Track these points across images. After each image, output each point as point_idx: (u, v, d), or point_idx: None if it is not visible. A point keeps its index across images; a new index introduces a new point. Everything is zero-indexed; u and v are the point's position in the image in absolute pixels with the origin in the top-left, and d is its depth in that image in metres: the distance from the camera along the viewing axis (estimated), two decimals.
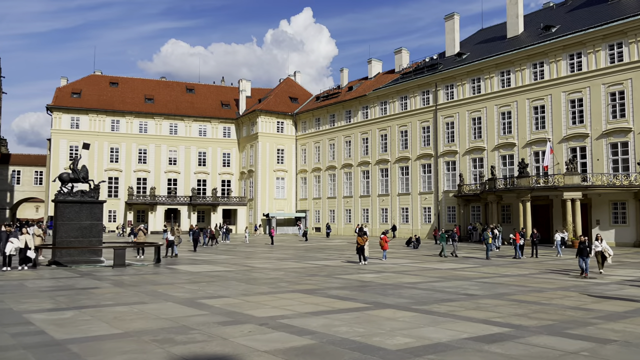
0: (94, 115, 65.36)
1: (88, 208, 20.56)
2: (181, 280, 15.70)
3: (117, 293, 12.51)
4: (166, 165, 67.76)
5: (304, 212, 64.51)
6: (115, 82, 71.64)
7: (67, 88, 67.91)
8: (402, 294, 12.96)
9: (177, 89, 74.00)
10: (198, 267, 20.44)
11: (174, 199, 65.82)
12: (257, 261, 23.76)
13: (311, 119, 65.17)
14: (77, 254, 20.14)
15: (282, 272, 18.66)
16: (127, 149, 66.27)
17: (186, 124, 69.00)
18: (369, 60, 63.68)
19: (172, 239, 25.43)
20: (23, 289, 12.99)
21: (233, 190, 69.60)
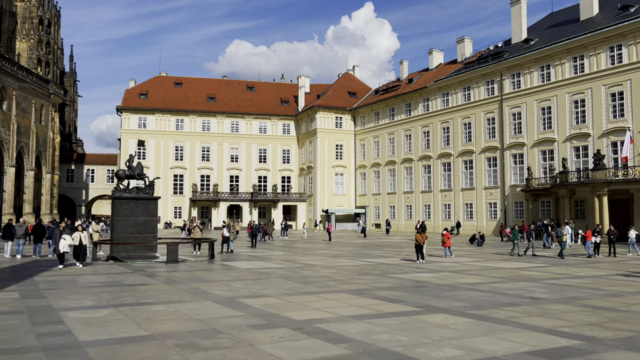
0: (160, 114, 67.57)
1: (143, 204, 20.80)
2: (229, 277, 15.39)
3: (160, 290, 12.30)
4: (228, 163, 68.99)
5: (364, 208, 63.58)
6: (180, 82, 73.76)
7: (135, 90, 70.69)
8: (458, 297, 11.89)
9: (238, 87, 75.16)
10: (250, 263, 20.17)
11: (235, 195, 66.91)
12: (310, 258, 23.23)
13: (370, 113, 64.03)
14: (133, 250, 20.44)
15: (333, 270, 17.98)
16: (191, 147, 68.05)
17: (247, 122, 69.89)
18: (430, 51, 61.59)
19: (227, 235, 25.43)
20: (72, 285, 13.10)
21: (293, 186, 69.80)
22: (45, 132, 55.28)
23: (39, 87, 53.20)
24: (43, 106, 54.69)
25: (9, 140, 47.70)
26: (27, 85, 50.66)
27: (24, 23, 55.90)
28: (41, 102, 54.12)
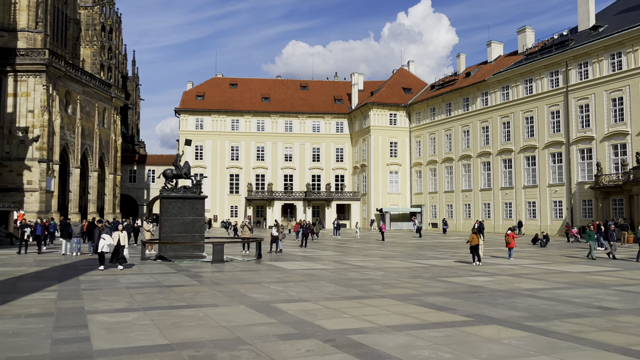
0: (216, 115, 68.75)
1: (190, 204, 20.74)
2: (271, 279, 14.88)
3: (196, 292, 11.93)
4: (282, 162, 69.22)
5: (419, 207, 61.86)
6: (235, 83, 74.80)
7: (192, 92, 72.32)
8: (515, 304, 10.75)
9: (291, 87, 75.28)
10: (297, 264, 19.63)
11: (289, 194, 66.98)
12: (360, 259, 22.41)
13: (425, 109, 62.19)
14: (180, 249, 20.42)
15: (381, 272, 17.10)
16: (246, 147, 68.80)
17: (300, 121, 69.82)
18: (489, 43, 58.96)
19: (276, 235, 25.08)
20: (113, 286, 12.99)
21: (346, 185, 69.05)
22: (107, 134, 57.50)
23: (102, 91, 55.35)
24: (105, 109, 56.88)
25: (74, 143, 49.90)
26: (90, 90, 52.82)
27: (87, 30, 58.39)
28: (104, 105, 56.31)
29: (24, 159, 44.03)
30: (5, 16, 44.92)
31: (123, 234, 16.86)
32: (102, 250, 16.41)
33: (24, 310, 9.27)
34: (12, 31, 44.93)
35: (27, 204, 43.33)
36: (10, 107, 44.17)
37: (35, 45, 44.98)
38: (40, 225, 22.96)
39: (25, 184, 43.91)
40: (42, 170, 44.11)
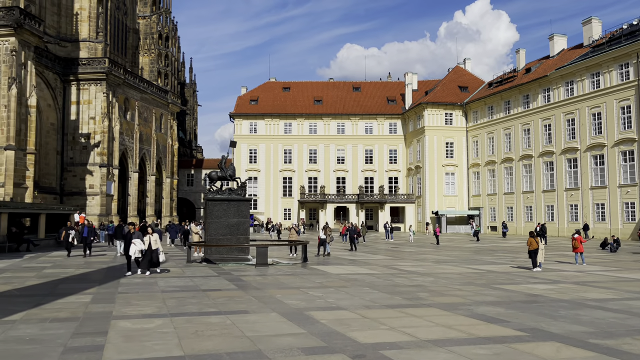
0: (269, 119, 69.22)
1: (235, 206, 20.49)
2: (311, 283, 14.24)
3: (230, 298, 11.46)
4: (335, 164, 68.69)
5: (477, 209, 59.45)
6: (288, 87, 75.10)
7: (246, 96, 73.25)
8: (579, 317, 9.54)
9: (344, 88, 74.69)
10: (342, 268, 18.90)
11: (342, 197, 66.32)
12: (410, 263, 21.38)
13: (483, 107, 59.77)
14: (225, 252, 20.20)
15: (431, 278, 16.07)
16: (299, 150, 68.81)
17: (353, 123, 69.06)
18: (551, 37, 55.89)
19: (323, 237, 24.48)
20: (149, 289, 12.77)
21: (400, 187, 67.53)
22: (164, 139, 59.10)
23: (159, 97, 56.97)
24: (162, 115, 58.50)
25: (133, 148, 51.55)
26: (148, 96, 54.46)
27: (145, 39, 60.35)
28: (161, 111, 57.94)
29: (87, 164, 45.88)
30: (68, 27, 47.09)
31: (154, 237, 16.02)
32: (134, 256, 15.55)
33: (51, 314, 9.10)
34: (74, 42, 47.02)
35: (89, 207, 45.07)
36: (74, 114, 46.18)
37: (96, 54, 46.84)
38: (87, 228, 23.01)
39: (88, 188, 45.71)
40: (102, 175, 45.79)
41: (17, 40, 34.92)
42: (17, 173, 34.98)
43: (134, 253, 15.45)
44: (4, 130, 34.59)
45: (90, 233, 23.11)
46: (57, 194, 45.07)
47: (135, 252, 15.46)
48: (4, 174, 34.30)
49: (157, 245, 15.99)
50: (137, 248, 15.48)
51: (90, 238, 22.97)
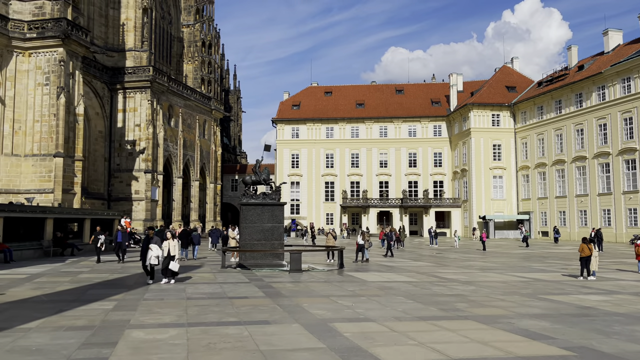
0: (311, 124, 69.06)
1: (269, 210, 20.13)
2: (343, 292, 13.60)
3: (255, 306, 10.99)
4: (377, 168, 67.69)
5: (527, 213, 56.99)
6: (329, 91, 74.80)
7: (288, 102, 73.46)
8: (635, 334, 8.50)
9: (386, 91, 73.65)
10: (378, 275, 18.16)
11: (385, 201, 65.22)
12: (452, 271, 20.36)
13: (532, 107, 57.37)
14: (260, 257, 19.85)
15: (472, 287, 15.11)
16: (341, 154, 68.25)
17: (395, 126, 67.91)
18: (605, 32, 53.04)
19: (362, 243, 23.78)
20: (176, 296, 12.50)
21: (446, 191, 65.73)
22: (208, 145, 59.93)
23: (202, 104, 57.86)
24: (206, 121, 59.37)
25: (177, 154, 52.49)
26: (191, 103, 55.39)
27: (189, 47, 61.51)
28: (204, 117, 58.81)
29: (132, 170, 46.99)
30: (115, 38, 48.53)
31: (174, 243, 14.84)
32: (150, 262, 14.48)
33: (68, 322, 8.89)
34: (121, 51, 48.39)
35: (134, 212, 46.10)
36: (120, 122, 47.45)
37: (141, 63, 48.02)
38: (122, 232, 22.27)
39: (133, 194, 46.80)
40: (147, 181, 46.77)
41: (64, 51, 36.10)
42: (65, 179, 36.09)
43: (150, 259, 14.47)
44: (53, 138, 35.77)
45: (125, 238, 22.27)
46: (105, 199, 46.36)
47: (152, 259, 14.49)
48: (53, 180, 35.45)
49: (175, 252, 14.84)
50: (154, 254, 14.51)
51: (125, 243, 22.31)
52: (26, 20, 36.33)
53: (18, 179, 36.00)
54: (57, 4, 36.95)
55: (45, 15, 36.74)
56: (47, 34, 35.81)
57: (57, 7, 36.94)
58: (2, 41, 35.18)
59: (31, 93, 36.31)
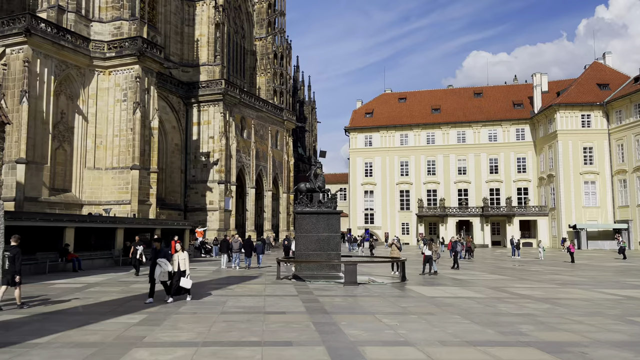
0: (384, 131, 67.58)
1: (325, 219, 19.18)
2: (393, 308, 12.30)
3: (286, 323, 10.04)
4: (455, 175, 64.71)
5: (625, 222, 51.60)
6: (403, 97, 72.96)
7: (361, 110, 72.52)
8: None
9: (464, 95, 70.53)
10: (440, 289, 16.57)
11: (464, 210, 62.10)
12: (528, 285, 18.26)
13: (629, 106, 52.13)
14: (316, 268, 18.95)
15: (547, 305, 13.20)
16: (416, 162, 66.07)
17: (474, 130, 64.68)
18: None
19: (429, 254, 22.16)
20: (210, 309, 11.86)
21: (531, 198, 61.33)
22: (280, 155, 60.33)
23: (274, 115, 58.40)
24: (278, 132, 59.84)
25: (250, 165, 53.17)
26: (263, 114, 56.05)
27: (262, 59, 62.48)
28: (276, 128, 59.31)
29: (207, 181, 48.13)
30: (190, 54, 50.24)
31: (183, 256, 13.15)
32: (160, 279, 12.69)
33: (81, 338, 8.45)
34: (195, 66, 49.99)
35: (209, 222, 47.07)
36: (195, 134, 48.88)
37: (214, 76, 49.25)
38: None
39: (208, 204, 47.86)
40: (221, 191, 47.65)
41: (140, 67, 37.64)
42: (141, 191, 37.43)
43: (159, 275, 12.62)
44: (130, 152, 37.30)
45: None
46: (181, 210, 47.79)
47: (161, 275, 12.61)
48: (129, 191, 36.90)
49: (185, 266, 13.10)
50: (163, 269, 12.61)
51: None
52: (106, 41, 38.35)
53: (99, 191, 37.87)
54: (134, 23, 38.73)
55: (123, 34, 38.60)
56: (124, 52, 37.54)
57: (133, 26, 38.71)
58: (84, 61, 37.34)
59: (111, 109, 38.16)
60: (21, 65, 33.35)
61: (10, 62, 34.00)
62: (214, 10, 49.65)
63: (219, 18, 49.71)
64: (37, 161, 34.15)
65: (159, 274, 12.61)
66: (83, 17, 38.35)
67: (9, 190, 33.20)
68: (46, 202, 34.68)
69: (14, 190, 32.73)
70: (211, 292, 15.03)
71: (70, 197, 36.80)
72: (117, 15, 39.14)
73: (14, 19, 33.94)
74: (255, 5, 63.30)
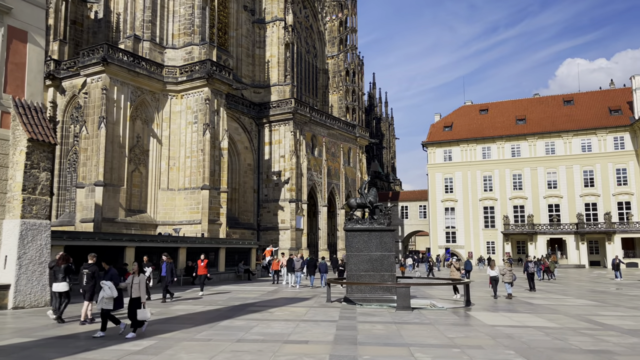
0: (465, 145, 64.27)
1: (377, 237, 17.68)
2: (436, 340, 10.57)
3: (299, 356, 8.75)
4: (544, 190, 59.74)
5: None
6: (485, 108, 69.21)
7: (439, 123, 69.68)
8: None
9: (551, 103, 65.46)
10: (507, 316, 14.40)
11: (556, 227, 57.00)
12: (619, 313, 15.49)
13: None
14: (368, 291, 17.42)
15: (635, 339, 10.79)
16: (500, 176, 61.95)
17: (565, 141, 59.56)
18: None
19: (494, 275, 19.79)
20: (229, 335, 10.84)
21: (634, 214, 54.95)
22: (353, 172, 59.17)
23: (346, 132, 57.56)
24: (350, 149, 58.85)
25: (321, 183, 52.52)
26: (334, 132, 55.40)
27: (334, 77, 62.16)
28: (349, 145, 58.36)
29: (278, 200, 48.05)
30: (261, 75, 50.95)
31: (138, 280, 10.71)
32: (102, 307, 10.50)
33: None
34: (266, 87, 50.55)
35: (281, 241, 46.82)
36: (267, 154, 49.17)
37: (284, 96, 49.47)
38: (167, 264, 18.43)
39: (280, 223, 47.67)
40: (292, 210, 47.31)
41: (209, 90, 38.50)
42: (211, 210, 37.90)
43: (99, 301, 10.56)
44: (201, 172, 38.01)
45: (170, 272, 18.33)
46: (254, 229, 47.99)
47: (102, 301, 10.50)
48: (200, 211, 37.48)
49: (141, 293, 10.64)
50: (105, 295, 10.51)
51: (169, 278, 18.19)
52: (178, 66, 39.75)
53: (173, 211, 38.86)
54: (204, 47, 39.84)
55: (194, 59, 39.82)
56: (194, 75, 38.63)
57: (203, 50, 39.83)
58: (158, 86, 38.87)
59: (183, 131, 39.28)
60: (100, 92, 35.26)
61: (90, 90, 36.11)
62: (283, 31, 50.11)
63: (289, 38, 50.07)
64: (115, 183, 35.71)
65: (100, 299, 10.55)
66: (157, 44, 40.09)
67: (88, 212, 34.98)
68: (122, 222, 36.06)
69: (93, 212, 34.35)
70: (246, 315, 14.07)
71: (146, 218, 38.06)
72: (189, 40, 40.53)
73: (94, 50, 36.10)
74: (327, 24, 63.41)
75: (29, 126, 15.64)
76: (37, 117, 16.14)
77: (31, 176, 15.56)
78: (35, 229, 15.50)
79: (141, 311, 10.51)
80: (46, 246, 15.76)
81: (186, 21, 40.82)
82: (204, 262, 20.88)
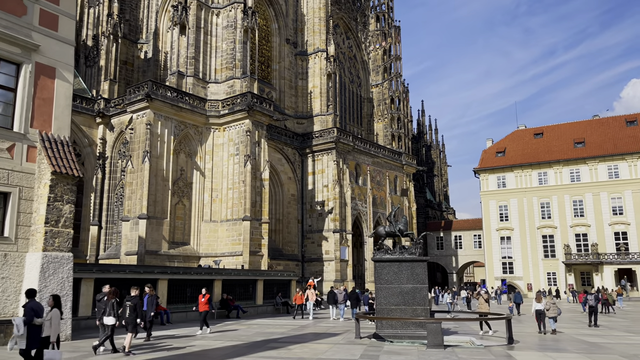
0: (519, 170, 61.42)
1: (409, 268, 16.48)
2: None
3: None
4: (609, 217, 55.70)
5: None
6: (540, 132, 66.21)
7: (491, 149, 67.20)
8: None
9: (612, 125, 61.72)
10: (552, 356, 12.75)
11: (624, 256, 52.81)
12: None
13: None
14: (399, 326, 16.16)
15: None
16: (559, 202, 58.46)
17: (629, 164, 55.67)
18: None
19: (539, 308, 17.98)
20: None
21: None
22: (400, 201, 57.60)
23: (392, 160, 56.39)
24: (397, 177, 57.47)
25: (366, 212, 51.32)
26: (379, 160, 54.37)
27: (378, 106, 61.57)
28: (395, 173, 57.04)
29: (322, 230, 47.24)
30: (304, 106, 51.10)
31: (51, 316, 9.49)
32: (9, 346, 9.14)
33: None
34: (309, 117, 50.57)
35: (325, 272, 45.75)
36: (310, 184, 48.76)
37: (327, 126, 49.20)
38: (149, 296, 17.17)
39: (324, 254, 46.70)
40: (336, 240, 46.30)
41: (250, 122, 38.75)
42: (252, 241, 37.57)
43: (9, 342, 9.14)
44: (242, 203, 37.93)
45: (151, 305, 16.91)
46: (298, 260, 47.26)
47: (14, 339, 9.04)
48: (241, 243, 37.25)
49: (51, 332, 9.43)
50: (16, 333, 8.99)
51: (150, 313, 16.70)
52: (220, 99, 40.40)
53: (215, 243, 38.86)
54: (245, 80, 40.39)
55: (235, 92, 40.38)
56: (236, 108, 39.06)
57: (244, 83, 40.36)
58: (201, 120, 39.56)
59: (225, 163, 39.57)
60: (144, 127, 36.19)
61: (135, 126, 37.20)
62: (325, 62, 50.28)
63: (330, 68, 50.14)
64: (158, 216, 36.17)
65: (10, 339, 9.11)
66: (200, 79, 41.02)
67: (132, 244, 35.48)
68: (165, 255, 36.32)
69: (137, 245, 34.83)
70: (262, 352, 13.22)
71: (189, 250, 38.22)
72: (230, 74, 41.25)
73: (139, 87, 37.31)
74: (370, 53, 63.30)
75: (53, 159, 15.83)
76: (63, 151, 16.34)
77: (54, 209, 15.65)
78: (57, 262, 15.47)
79: (50, 352, 9.10)
80: (68, 279, 15.68)
81: (228, 56, 41.66)
82: (204, 298, 18.48)
